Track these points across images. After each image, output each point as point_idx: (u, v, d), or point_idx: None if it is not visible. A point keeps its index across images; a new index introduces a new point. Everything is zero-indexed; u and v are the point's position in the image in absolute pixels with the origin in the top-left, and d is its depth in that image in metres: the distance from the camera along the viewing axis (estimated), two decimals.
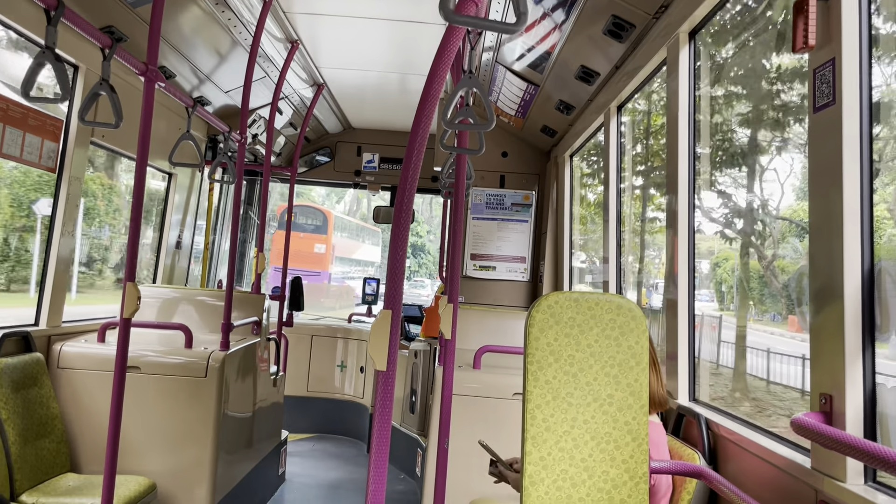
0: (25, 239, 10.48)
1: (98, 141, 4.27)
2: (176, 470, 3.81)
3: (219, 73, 5.05)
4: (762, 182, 5.72)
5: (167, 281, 5.74)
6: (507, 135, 6.54)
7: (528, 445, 2.12)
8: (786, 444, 2.19)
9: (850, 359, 1.80)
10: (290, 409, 6.46)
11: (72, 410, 3.81)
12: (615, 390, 2.14)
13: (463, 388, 3.83)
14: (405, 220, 1.57)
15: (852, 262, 1.82)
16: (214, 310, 4.75)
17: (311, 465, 6.13)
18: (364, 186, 7.26)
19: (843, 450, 1.60)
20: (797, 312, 7.23)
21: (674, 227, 3.14)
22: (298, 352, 7.08)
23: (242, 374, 4.35)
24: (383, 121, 6.95)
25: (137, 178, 3.10)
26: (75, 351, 3.88)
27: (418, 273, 35.51)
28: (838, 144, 1.84)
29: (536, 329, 2.16)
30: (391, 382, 1.49)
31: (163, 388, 3.85)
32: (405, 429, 5.91)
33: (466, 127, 2.54)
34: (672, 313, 3.12)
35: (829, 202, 1.89)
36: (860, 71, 1.82)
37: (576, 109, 4.96)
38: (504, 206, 6.65)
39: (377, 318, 1.49)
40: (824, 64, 1.89)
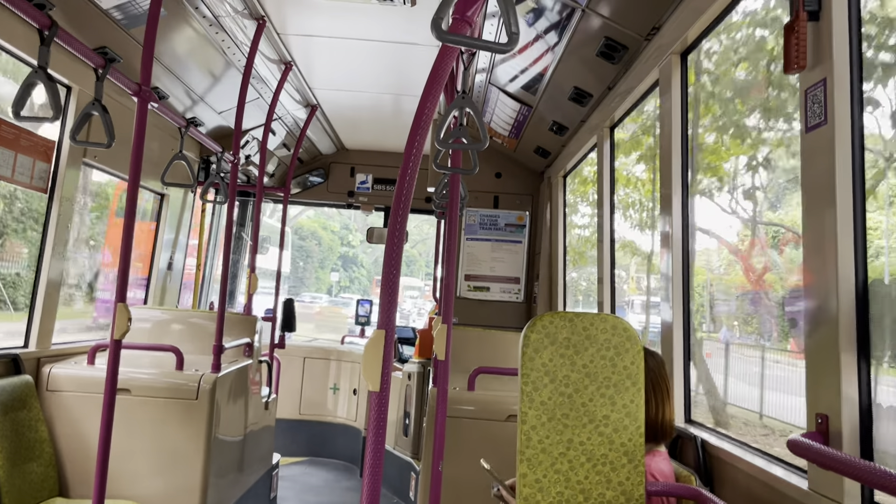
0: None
1: (90, 161, 4.26)
2: (166, 494, 3.75)
3: (212, 94, 5.06)
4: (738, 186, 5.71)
5: (158, 302, 5.70)
6: (500, 156, 6.56)
7: (523, 468, 2.10)
8: (783, 465, 2.17)
9: (846, 378, 1.79)
10: (282, 432, 6.40)
11: (61, 434, 3.76)
12: (611, 411, 2.12)
13: (457, 410, 3.80)
14: (398, 240, 1.56)
15: (846, 281, 1.82)
16: (206, 331, 4.71)
17: (304, 489, 6.06)
18: (357, 207, 7.26)
19: (841, 469, 1.59)
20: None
21: (668, 247, 3.14)
22: (291, 374, 7.02)
23: (234, 397, 4.31)
24: (377, 142, 6.97)
25: (129, 198, 3.09)
26: (65, 373, 3.84)
27: (349, 289, 33.00)
28: (831, 164, 1.85)
29: (531, 349, 2.15)
30: (385, 404, 1.47)
31: (153, 411, 3.80)
32: (398, 452, 5.85)
33: (460, 146, 2.54)
34: (667, 335, 3.11)
35: (822, 221, 1.89)
36: (851, 90, 1.83)
37: (569, 130, 4.99)
38: (498, 227, 6.65)
39: (370, 338, 1.47)
40: (816, 84, 1.91)
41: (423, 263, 36.01)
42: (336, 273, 34.31)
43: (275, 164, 6.68)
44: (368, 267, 33.92)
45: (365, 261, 33.81)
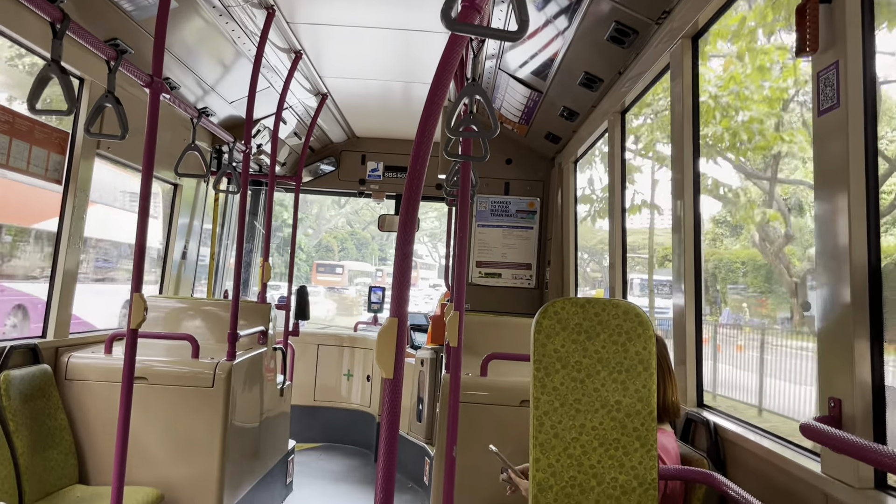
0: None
1: (104, 153, 4.29)
2: (183, 480, 3.81)
3: (223, 84, 5.07)
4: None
5: (174, 291, 5.76)
6: (511, 142, 6.55)
7: (536, 452, 2.12)
8: (795, 448, 2.17)
9: (859, 362, 1.79)
10: (296, 419, 6.45)
11: (80, 421, 3.81)
12: (623, 396, 2.13)
13: (470, 396, 3.83)
14: (410, 228, 1.57)
15: (859, 265, 1.81)
16: (220, 320, 4.76)
17: (319, 474, 6.12)
18: (369, 195, 7.27)
19: (853, 453, 1.59)
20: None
21: (679, 231, 3.13)
22: (305, 361, 7.08)
23: (249, 384, 4.35)
24: (387, 129, 6.97)
25: (143, 189, 3.12)
26: (83, 362, 3.89)
27: (284, 276, 27.55)
28: (844, 147, 1.84)
29: (543, 336, 2.16)
30: (398, 391, 1.49)
31: (170, 399, 3.85)
32: (412, 437, 5.89)
33: (470, 135, 2.54)
34: (679, 319, 3.11)
35: (834, 205, 1.88)
36: (864, 73, 1.82)
37: (579, 116, 4.97)
38: (509, 213, 6.65)
39: (383, 326, 1.49)
40: (828, 67, 1.89)
41: (377, 247, 33.41)
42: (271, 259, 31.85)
43: (286, 153, 6.70)
44: (309, 251, 29.67)
45: (305, 244, 29.25)
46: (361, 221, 32.39)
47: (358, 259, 30.82)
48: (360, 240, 31.95)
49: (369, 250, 32.35)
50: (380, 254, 33.70)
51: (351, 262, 29.69)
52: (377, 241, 33.31)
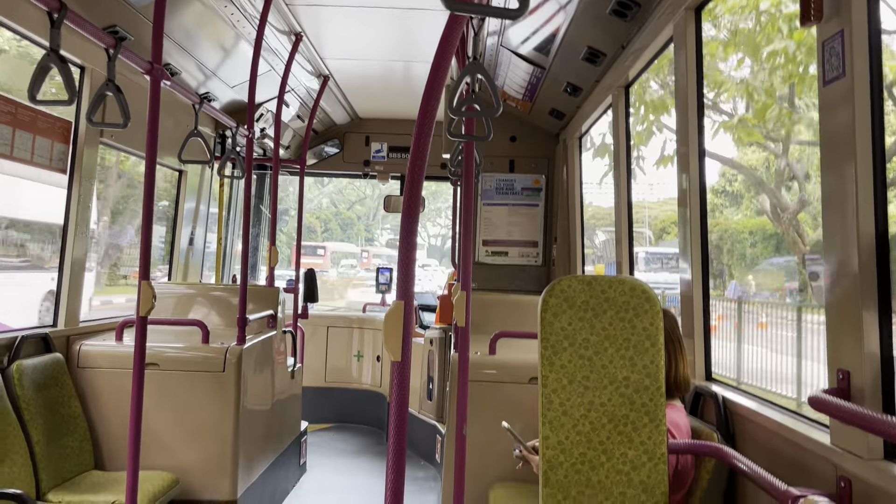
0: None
1: (107, 141, 4.29)
2: (198, 464, 3.85)
3: (224, 68, 5.05)
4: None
5: (182, 278, 5.78)
6: (514, 119, 6.51)
7: (545, 430, 2.13)
8: (804, 420, 2.18)
9: (867, 333, 1.78)
10: (308, 400, 6.51)
11: (93, 409, 3.86)
12: (631, 372, 2.14)
13: (479, 375, 3.84)
14: (414, 208, 1.57)
15: (866, 236, 1.80)
16: (229, 305, 4.78)
17: (332, 454, 6.18)
18: (374, 176, 7.26)
19: (862, 424, 1.59)
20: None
21: (686, 204, 3.12)
22: (315, 343, 7.12)
23: (260, 368, 4.39)
24: (391, 110, 6.94)
25: (147, 176, 3.12)
26: (94, 350, 3.92)
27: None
28: (850, 117, 1.82)
29: (550, 314, 2.16)
30: (406, 373, 1.50)
31: (182, 384, 3.89)
32: (423, 416, 5.94)
33: (472, 114, 2.53)
34: (686, 292, 3.10)
35: (842, 175, 1.87)
36: (870, 42, 1.79)
37: (583, 91, 4.93)
38: (514, 191, 6.63)
39: (390, 309, 1.49)
40: (833, 36, 1.87)
41: (363, 227, 32.40)
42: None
43: (290, 137, 6.69)
44: (290, 233, 27.45)
45: (286, 226, 26.74)
46: (346, 201, 31.54)
47: (343, 240, 29.75)
48: (345, 220, 31.10)
49: (354, 231, 31.52)
50: (366, 234, 32.92)
51: (334, 244, 28.66)
52: (363, 222, 32.62)
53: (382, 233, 33.48)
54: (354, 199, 31.73)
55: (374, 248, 31.12)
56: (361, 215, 33.10)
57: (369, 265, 27.98)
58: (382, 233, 33.48)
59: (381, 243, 32.70)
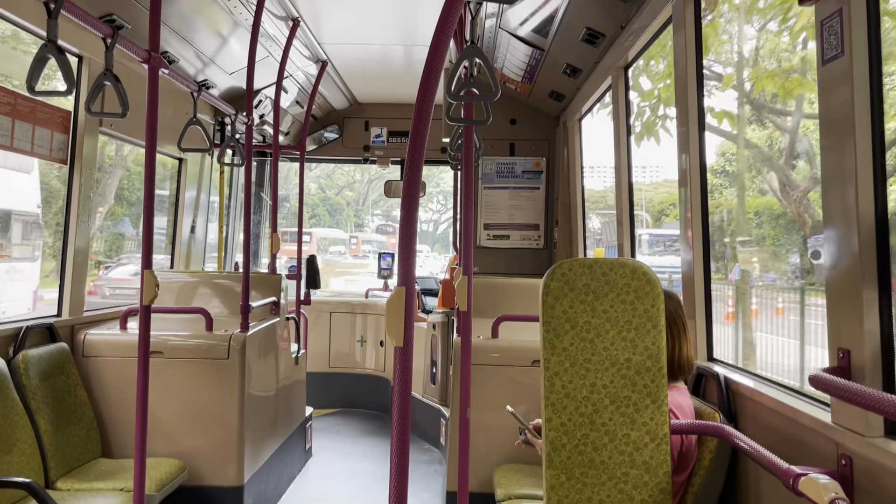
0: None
1: (107, 130, 4.29)
2: (205, 450, 3.88)
3: (221, 55, 5.03)
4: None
5: (184, 266, 5.80)
6: (514, 102, 6.49)
7: (548, 412, 2.14)
8: (805, 399, 2.19)
9: (867, 312, 1.79)
10: (313, 386, 6.55)
11: (99, 397, 3.88)
12: (632, 354, 2.15)
13: (482, 358, 3.86)
14: (414, 193, 1.57)
15: (866, 214, 1.80)
16: (232, 292, 4.80)
17: (337, 439, 6.22)
18: (374, 161, 7.25)
19: (862, 402, 1.61)
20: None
21: (686, 186, 3.12)
22: (318, 329, 7.15)
23: (264, 354, 4.41)
24: (390, 94, 6.91)
25: (147, 165, 3.12)
26: (99, 339, 3.95)
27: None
28: (849, 96, 1.82)
29: (551, 297, 2.17)
30: (409, 358, 1.51)
31: (187, 372, 3.91)
32: (427, 399, 5.97)
33: (471, 98, 2.52)
34: (688, 275, 3.11)
35: (841, 154, 1.87)
36: (868, 20, 1.78)
37: (583, 72, 4.91)
38: (515, 174, 6.62)
39: (391, 295, 1.50)
40: (832, 15, 1.86)
41: (352, 213, 31.63)
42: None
43: (289, 123, 6.67)
44: (287, 217, 28.42)
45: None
46: (334, 186, 30.87)
47: (331, 226, 29.09)
48: (334, 206, 30.38)
49: (343, 217, 30.82)
50: (356, 220, 32.55)
51: (321, 230, 28.10)
52: (352, 208, 32.18)
53: (373, 219, 33.10)
54: (343, 184, 31.12)
55: (364, 234, 30.66)
56: (351, 201, 32.64)
57: (358, 252, 27.65)
58: (373, 219, 33.10)
59: (371, 229, 32.37)
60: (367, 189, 32.59)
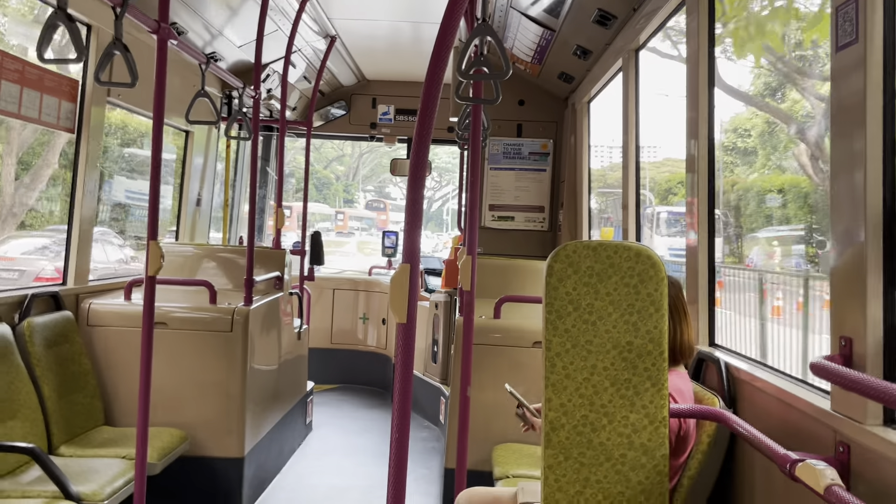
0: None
1: (114, 100, 4.28)
2: (207, 421, 3.92)
3: (230, 27, 5.01)
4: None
5: (189, 238, 5.81)
6: (523, 82, 6.45)
7: (548, 392, 2.16)
8: (806, 387, 2.20)
9: (871, 301, 1.79)
10: (315, 361, 6.58)
11: (103, 366, 3.91)
12: (634, 337, 2.15)
13: (484, 338, 3.88)
14: (421, 172, 1.57)
15: (874, 203, 1.80)
16: (236, 266, 4.81)
17: (337, 414, 6.27)
18: (380, 139, 7.23)
19: (862, 391, 1.61)
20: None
21: (693, 170, 3.11)
22: (321, 305, 7.17)
23: (267, 329, 4.43)
24: (398, 72, 6.87)
25: (155, 136, 3.12)
26: (103, 308, 3.97)
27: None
28: (861, 84, 1.80)
29: (555, 279, 2.17)
30: (411, 335, 1.52)
31: (190, 343, 3.94)
32: (428, 378, 6.00)
33: (481, 77, 2.51)
34: (692, 258, 3.11)
35: (851, 142, 1.86)
36: (884, 7, 1.76)
37: (593, 54, 4.87)
38: (522, 156, 6.60)
39: (396, 272, 1.51)
40: (847, 1, 1.84)
41: (341, 188, 30.78)
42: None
43: (296, 98, 6.65)
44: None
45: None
46: (323, 160, 29.93)
47: (318, 201, 28.19)
48: (322, 180, 29.46)
49: (331, 192, 30.09)
50: (345, 195, 31.45)
51: (298, 204, 27.84)
52: (342, 182, 31.48)
53: (365, 194, 32.43)
54: (332, 158, 30.33)
55: (353, 211, 29.90)
56: (340, 175, 32.07)
57: (345, 229, 27.12)
58: (365, 194, 32.43)
59: (361, 205, 31.78)
60: (357, 163, 31.94)
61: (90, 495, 2.91)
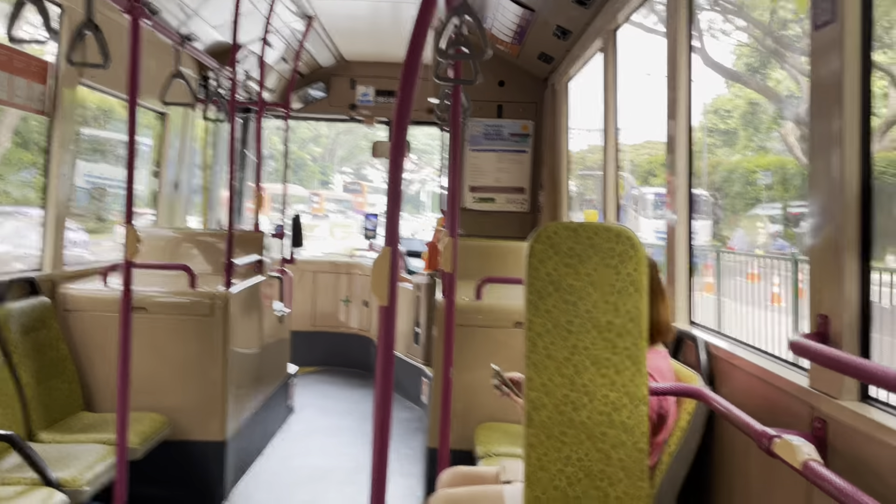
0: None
1: (88, 82, 4.20)
2: (188, 406, 3.91)
3: (206, 7, 4.92)
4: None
5: (167, 222, 5.75)
6: (503, 63, 6.41)
7: (530, 372, 2.17)
8: (784, 364, 2.23)
9: (847, 279, 1.81)
10: (297, 344, 6.57)
11: (81, 351, 3.88)
12: (614, 317, 2.17)
13: (465, 319, 3.88)
14: (400, 153, 1.56)
15: (851, 183, 1.81)
16: (216, 249, 4.77)
17: (320, 396, 6.28)
18: (360, 120, 7.17)
19: (839, 367, 1.64)
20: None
21: (673, 151, 3.12)
22: (302, 288, 7.15)
23: (247, 312, 4.41)
24: (377, 52, 6.81)
25: (130, 118, 3.07)
26: (81, 294, 3.93)
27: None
28: (839, 63, 1.81)
29: (536, 260, 2.17)
30: (393, 316, 1.51)
31: (170, 328, 3.91)
32: (410, 359, 6.02)
33: (461, 57, 2.49)
34: (671, 237, 3.13)
35: (829, 121, 1.87)
36: None
37: (573, 34, 4.85)
38: (502, 137, 6.58)
39: (378, 255, 1.50)
40: None
41: (317, 169, 30.28)
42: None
43: (274, 80, 6.57)
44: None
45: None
46: (298, 140, 29.79)
47: (293, 183, 27.57)
48: (297, 161, 28.74)
49: (307, 173, 29.63)
50: (321, 177, 30.93)
51: (276, 185, 27.35)
52: (318, 164, 31.02)
53: (342, 176, 31.82)
54: (307, 138, 29.63)
55: (329, 193, 29.36)
56: (316, 156, 31.49)
57: (321, 212, 26.81)
58: (342, 176, 31.82)
59: (338, 187, 31.22)
60: (334, 144, 31.37)
61: (70, 481, 2.89)
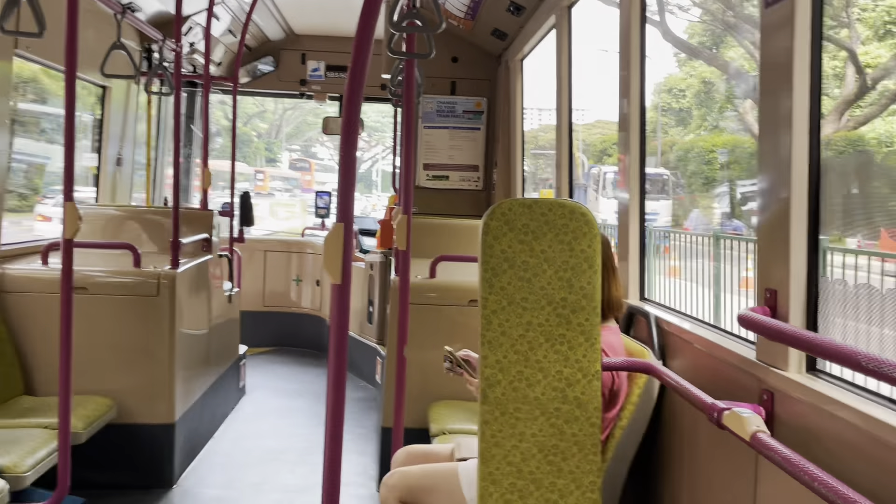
0: None
1: (23, 53, 4.01)
2: (134, 388, 3.81)
3: None
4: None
5: (110, 199, 5.57)
6: (456, 39, 6.36)
7: (484, 349, 2.16)
8: (732, 338, 2.27)
9: (795, 254, 1.85)
10: (247, 324, 6.46)
11: (21, 333, 3.74)
12: (568, 293, 2.17)
13: (419, 297, 3.87)
14: (353, 130, 1.52)
15: (800, 159, 1.84)
16: (161, 228, 4.64)
17: (272, 377, 6.20)
18: (311, 96, 7.04)
19: (785, 340, 1.67)
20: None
21: (626, 129, 3.13)
22: (252, 267, 7.03)
23: (195, 292, 4.31)
24: (328, 26, 6.67)
25: (67, 91, 2.94)
26: (19, 274, 3.78)
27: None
28: (789, 42, 1.83)
29: (491, 237, 2.16)
30: (346, 295, 1.48)
31: (113, 309, 3.80)
32: (364, 338, 5.98)
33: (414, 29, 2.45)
34: (624, 216, 3.16)
35: (778, 99, 1.89)
36: None
37: (526, 10, 4.83)
38: (456, 114, 6.54)
39: (330, 232, 1.46)
40: None
41: (263, 146, 29.65)
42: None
43: (221, 53, 6.39)
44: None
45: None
46: (243, 115, 28.92)
47: (238, 160, 28.02)
48: (241, 137, 27.21)
49: (251, 150, 28.92)
50: (267, 154, 30.27)
51: (218, 161, 26.87)
52: (264, 140, 30.13)
53: (290, 153, 31.14)
54: (253, 113, 28.78)
55: (275, 170, 28.71)
56: (262, 133, 30.66)
57: (265, 189, 26.31)
58: (290, 153, 31.14)
59: (284, 165, 30.57)
60: (281, 121, 30.75)
61: (10, 467, 2.80)
